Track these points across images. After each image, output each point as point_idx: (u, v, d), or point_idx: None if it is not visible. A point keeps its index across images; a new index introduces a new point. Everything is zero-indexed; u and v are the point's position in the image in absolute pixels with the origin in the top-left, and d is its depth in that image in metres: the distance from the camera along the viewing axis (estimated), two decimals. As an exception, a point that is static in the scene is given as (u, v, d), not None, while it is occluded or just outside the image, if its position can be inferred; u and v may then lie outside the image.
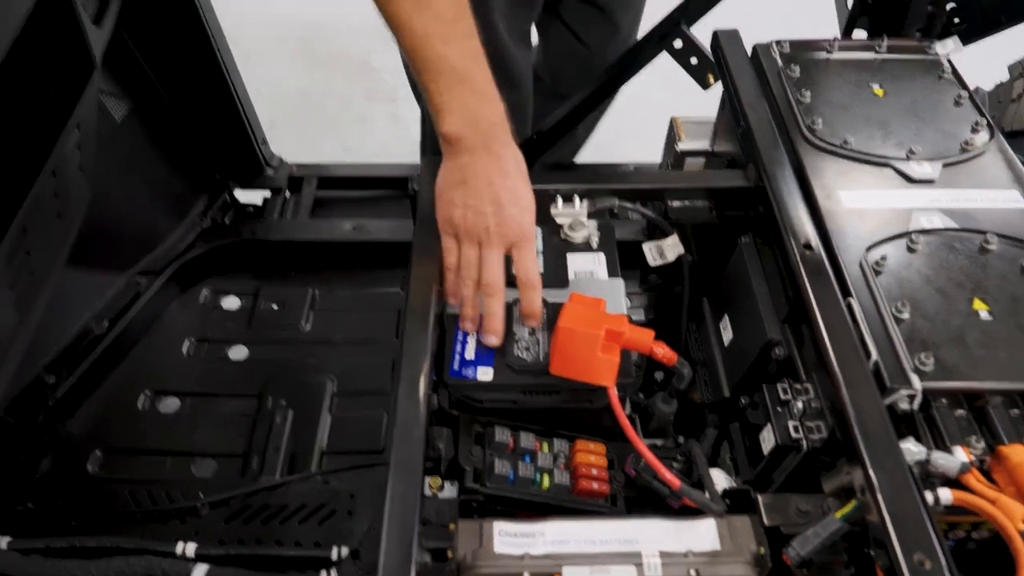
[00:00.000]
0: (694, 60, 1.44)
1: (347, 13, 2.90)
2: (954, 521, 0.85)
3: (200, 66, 1.47)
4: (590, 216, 1.06)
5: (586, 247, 1.04)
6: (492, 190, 0.90)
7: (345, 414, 1.34)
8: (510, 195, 0.90)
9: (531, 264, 0.92)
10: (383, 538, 0.73)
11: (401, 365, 0.86)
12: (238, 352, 1.44)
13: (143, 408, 1.34)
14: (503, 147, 0.91)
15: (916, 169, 1.02)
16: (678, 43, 1.43)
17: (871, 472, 0.73)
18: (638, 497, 0.88)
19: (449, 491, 0.86)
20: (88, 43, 1.08)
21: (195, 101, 1.51)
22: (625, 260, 1.04)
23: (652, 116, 1.78)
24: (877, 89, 1.14)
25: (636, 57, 1.51)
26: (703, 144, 1.37)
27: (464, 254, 0.92)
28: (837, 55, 1.20)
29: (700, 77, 1.45)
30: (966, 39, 1.24)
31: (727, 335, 1.08)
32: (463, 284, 0.92)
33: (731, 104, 1.20)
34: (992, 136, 1.07)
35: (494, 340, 0.91)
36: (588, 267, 1.01)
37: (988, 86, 1.49)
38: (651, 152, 1.61)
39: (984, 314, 0.86)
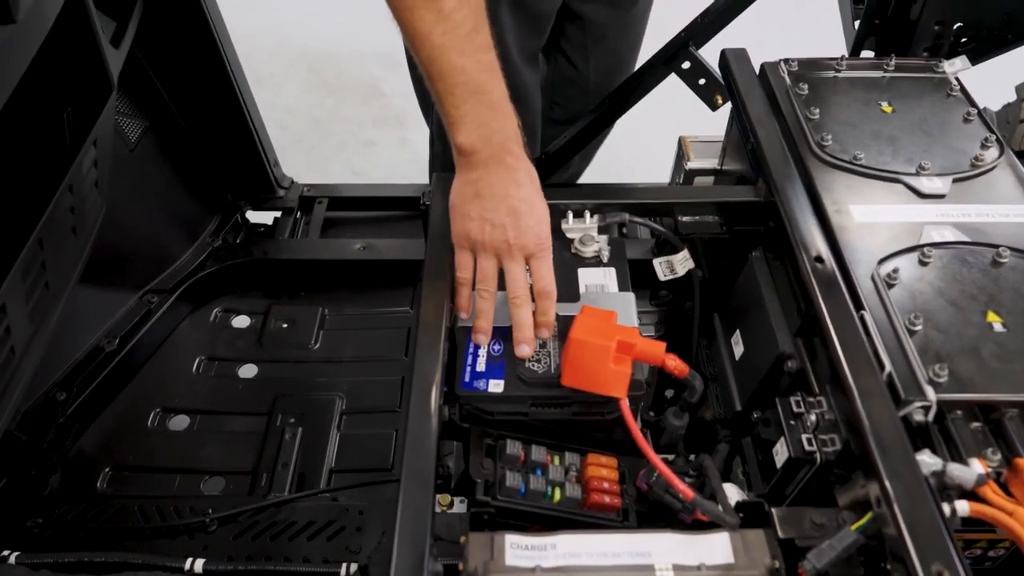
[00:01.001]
0: (702, 81, 1.45)
1: (358, 40, 2.95)
2: (971, 538, 0.84)
3: (214, 89, 1.50)
4: (600, 230, 1.06)
5: (597, 262, 1.04)
6: (508, 202, 0.90)
7: (354, 432, 1.34)
8: (526, 206, 0.90)
9: (548, 274, 0.92)
10: (394, 550, 0.72)
11: (413, 378, 0.86)
12: (248, 370, 1.44)
13: (153, 425, 1.34)
14: (516, 160, 0.92)
15: (926, 184, 1.03)
16: (686, 64, 1.45)
17: (887, 483, 0.72)
18: (650, 512, 0.88)
19: (459, 508, 0.86)
20: (106, 63, 1.10)
21: (208, 123, 1.53)
22: (635, 279, 1.04)
23: (658, 138, 1.80)
24: (886, 106, 1.15)
25: (644, 79, 1.53)
26: (712, 163, 1.38)
27: (482, 267, 0.92)
28: (845, 73, 1.21)
29: (708, 98, 1.47)
30: (973, 59, 1.25)
31: (738, 350, 1.08)
32: (481, 297, 0.92)
33: (740, 121, 1.21)
34: (1002, 152, 1.07)
35: (527, 350, 0.91)
36: (599, 281, 1.01)
37: (996, 107, 1.50)
38: (659, 174, 1.62)
39: (998, 326, 0.85)
